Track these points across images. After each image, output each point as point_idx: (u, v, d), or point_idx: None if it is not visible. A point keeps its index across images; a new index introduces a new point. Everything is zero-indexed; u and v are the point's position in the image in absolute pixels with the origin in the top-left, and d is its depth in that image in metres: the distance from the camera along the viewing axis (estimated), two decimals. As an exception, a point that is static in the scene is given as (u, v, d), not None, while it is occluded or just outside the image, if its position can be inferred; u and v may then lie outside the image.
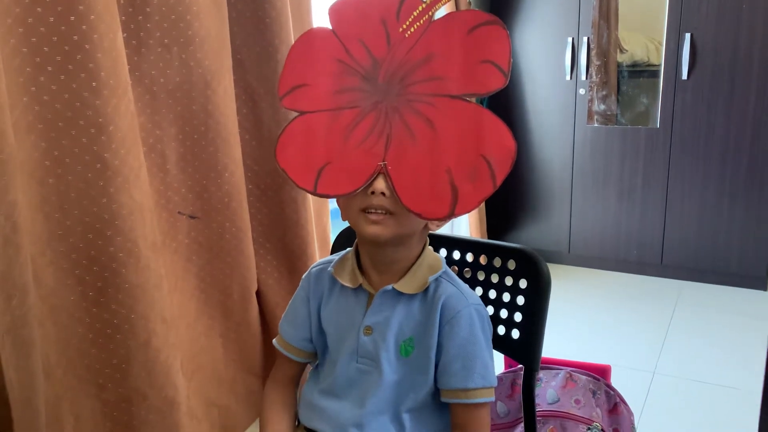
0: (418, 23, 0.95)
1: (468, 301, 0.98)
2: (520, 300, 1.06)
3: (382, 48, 0.96)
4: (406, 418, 0.99)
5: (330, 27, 1.01)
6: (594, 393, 1.35)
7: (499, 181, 0.89)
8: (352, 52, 0.98)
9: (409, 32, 0.95)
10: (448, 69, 0.92)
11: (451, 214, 0.89)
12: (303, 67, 1.01)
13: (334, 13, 1.02)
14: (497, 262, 1.10)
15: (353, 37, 0.98)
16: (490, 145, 0.89)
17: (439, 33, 0.93)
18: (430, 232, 1.03)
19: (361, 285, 1.01)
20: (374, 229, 0.93)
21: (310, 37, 1.03)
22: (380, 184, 0.92)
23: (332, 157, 0.96)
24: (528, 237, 3.39)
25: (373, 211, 0.93)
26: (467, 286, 1.02)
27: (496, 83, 0.89)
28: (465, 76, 0.91)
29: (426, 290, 0.99)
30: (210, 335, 1.69)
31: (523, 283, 1.06)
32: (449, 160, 0.90)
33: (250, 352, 1.79)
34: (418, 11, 0.95)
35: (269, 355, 1.85)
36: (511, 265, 1.08)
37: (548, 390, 1.37)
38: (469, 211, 0.91)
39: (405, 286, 0.98)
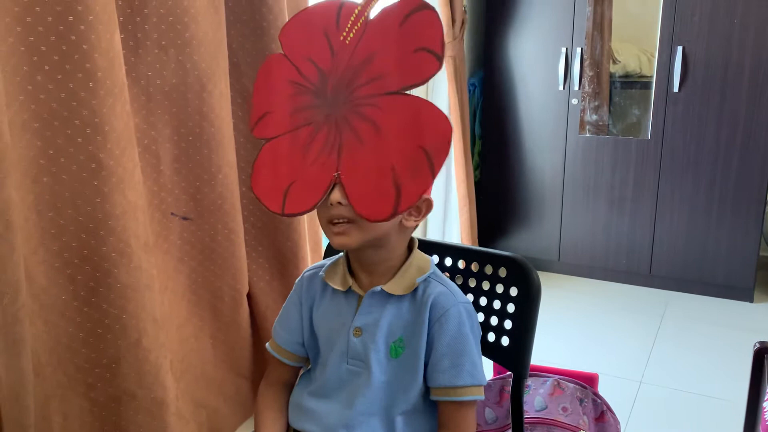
0: (356, 27, 0.95)
1: (456, 299, 1.00)
2: (511, 307, 1.07)
3: (327, 60, 0.98)
4: (399, 421, 1.00)
5: (282, 52, 1.03)
6: (581, 401, 1.37)
7: (437, 170, 0.88)
8: (302, 71, 1.00)
9: (348, 38, 0.96)
10: (386, 66, 0.92)
11: (395, 213, 0.89)
12: (265, 96, 1.04)
13: (284, 37, 1.04)
14: (488, 269, 1.11)
15: (302, 56, 1.00)
16: (427, 134, 0.88)
17: (375, 32, 0.94)
18: (413, 233, 1.04)
19: (350, 287, 1.02)
20: (339, 239, 0.96)
21: (267, 65, 1.05)
22: (336, 195, 0.93)
23: (295, 176, 0.98)
24: (518, 245, 3.40)
25: (336, 221, 0.95)
26: (456, 285, 1.03)
27: (431, 69, 0.88)
28: (402, 69, 0.90)
29: (415, 291, 1.00)
30: (200, 336, 1.69)
31: (513, 291, 1.07)
32: (393, 158, 0.90)
33: (239, 354, 1.79)
34: (354, 16, 0.96)
35: (258, 357, 1.85)
36: (502, 272, 1.09)
37: (536, 397, 1.38)
38: (410, 206, 0.90)
39: (393, 287, 1.00)
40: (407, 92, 0.91)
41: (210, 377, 1.73)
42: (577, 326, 2.79)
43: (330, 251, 1.24)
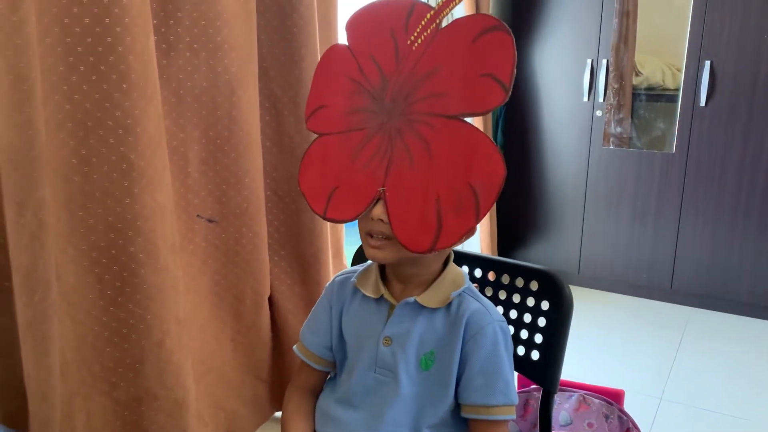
0: (425, 33, 0.90)
1: (492, 318, 0.98)
2: (542, 321, 1.06)
3: (390, 64, 0.93)
4: None
5: (347, 43, 0.99)
6: (607, 417, 1.35)
7: (482, 215, 0.83)
8: (364, 70, 0.96)
9: (416, 44, 0.91)
10: (449, 84, 0.87)
11: (432, 249, 0.86)
12: (323, 88, 1.01)
13: (350, 27, 0.99)
14: (519, 282, 1.10)
15: (366, 52, 0.96)
16: (479, 172, 0.83)
17: (444, 43, 0.88)
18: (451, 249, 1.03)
19: (382, 295, 1.01)
20: (374, 252, 0.94)
21: (329, 55, 1.01)
22: (378, 211, 0.91)
23: (341, 180, 0.96)
24: (538, 256, 3.38)
25: (374, 235, 0.93)
26: (490, 302, 1.02)
27: (494, 100, 0.83)
28: (465, 93, 0.85)
29: (449, 305, 0.98)
30: (220, 338, 1.69)
31: (545, 305, 1.06)
32: (440, 188, 0.86)
33: (258, 357, 1.79)
34: (425, 20, 0.90)
35: (277, 361, 1.85)
36: (534, 286, 1.08)
37: (561, 412, 1.36)
38: (449, 246, 0.86)
39: (427, 299, 0.98)
40: (466, 119, 0.86)
41: (229, 379, 1.73)
42: (596, 340, 2.76)
43: (359, 256, 1.23)
